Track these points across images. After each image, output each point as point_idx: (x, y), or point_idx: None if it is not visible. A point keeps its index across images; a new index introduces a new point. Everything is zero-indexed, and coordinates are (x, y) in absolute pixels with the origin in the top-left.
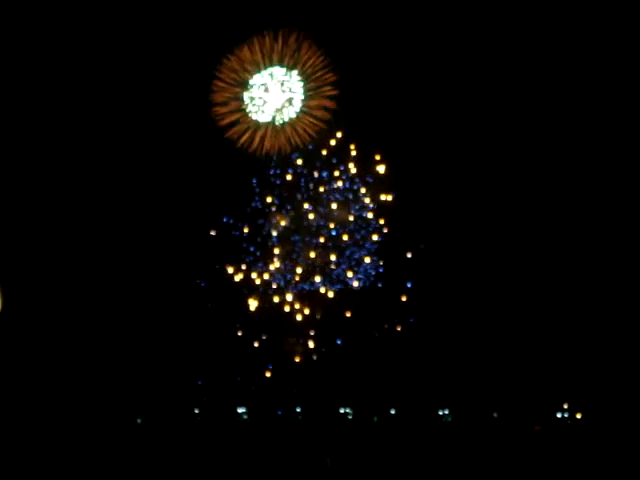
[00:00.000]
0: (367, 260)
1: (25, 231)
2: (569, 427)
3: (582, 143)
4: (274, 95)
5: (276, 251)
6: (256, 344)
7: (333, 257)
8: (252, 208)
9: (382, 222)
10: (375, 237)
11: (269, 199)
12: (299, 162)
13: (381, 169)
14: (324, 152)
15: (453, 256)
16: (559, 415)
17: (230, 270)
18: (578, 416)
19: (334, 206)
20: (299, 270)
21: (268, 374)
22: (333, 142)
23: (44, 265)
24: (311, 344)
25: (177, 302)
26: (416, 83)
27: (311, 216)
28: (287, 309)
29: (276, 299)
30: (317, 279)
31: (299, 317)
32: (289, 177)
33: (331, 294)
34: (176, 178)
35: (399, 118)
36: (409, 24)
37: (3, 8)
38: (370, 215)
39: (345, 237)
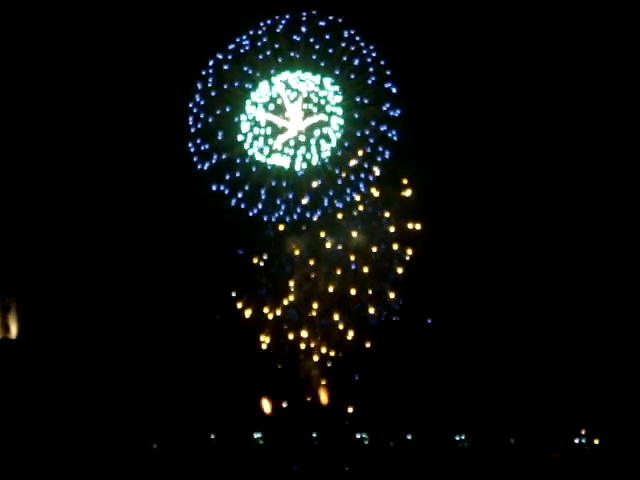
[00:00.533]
0: (391, 295)
1: (43, 263)
2: (587, 453)
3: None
4: (293, 118)
5: (290, 283)
6: (270, 372)
7: (353, 291)
8: (265, 237)
9: (410, 252)
10: (400, 270)
11: (281, 227)
12: (314, 185)
13: (407, 194)
14: (343, 174)
15: (471, 288)
16: (577, 441)
17: (239, 305)
18: (596, 442)
19: (354, 234)
20: (315, 305)
21: (284, 404)
22: (353, 162)
23: (64, 298)
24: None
25: (194, 332)
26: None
27: (328, 245)
28: (302, 346)
29: (290, 336)
30: (336, 317)
31: (316, 358)
32: (304, 201)
33: (351, 333)
34: (187, 210)
35: (430, 137)
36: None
37: None
38: (395, 246)
39: (366, 269)
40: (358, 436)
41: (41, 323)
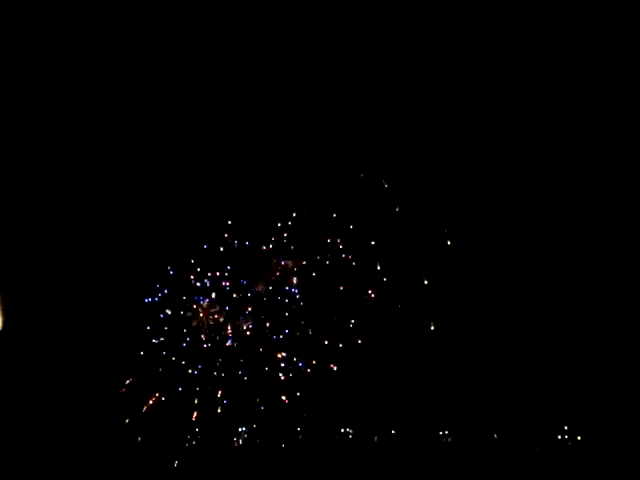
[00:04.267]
0: None
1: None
2: (569, 449)
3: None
4: None
5: None
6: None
7: None
8: None
9: None
10: None
11: None
12: None
13: None
14: None
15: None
16: (559, 437)
17: None
18: (578, 438)
19: None
20: None
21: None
22: None
23: (50, 290)
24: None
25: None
26: None
27: None
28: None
29: None
30: None
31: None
32: None
33: None
34: None
35: None
36: None
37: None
38: None
39: None
40: (342, 431)
41: (27, 315)
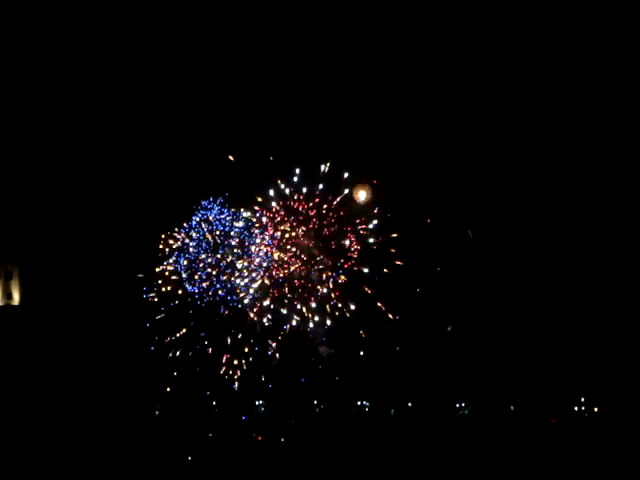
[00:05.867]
0: None
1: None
2: (586, 420)
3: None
4: None
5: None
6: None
7: None
8: None
9: None
10: None
11: None
12: None
13: None
14: None
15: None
16: (576, 408)
17: None
18: (595, 409)
19: None
20: None
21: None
22: None
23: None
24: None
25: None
26: None
27: None
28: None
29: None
30: None
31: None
32: None
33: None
34: None
35: None
36: None
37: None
38: None
39: None
40: (359, 403)
41: (43, 290)
